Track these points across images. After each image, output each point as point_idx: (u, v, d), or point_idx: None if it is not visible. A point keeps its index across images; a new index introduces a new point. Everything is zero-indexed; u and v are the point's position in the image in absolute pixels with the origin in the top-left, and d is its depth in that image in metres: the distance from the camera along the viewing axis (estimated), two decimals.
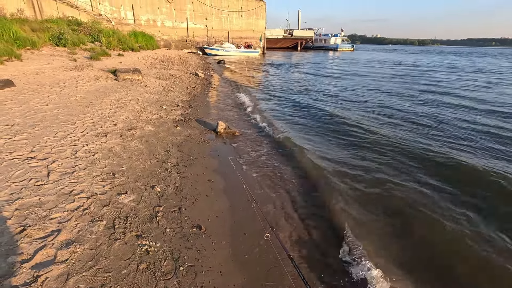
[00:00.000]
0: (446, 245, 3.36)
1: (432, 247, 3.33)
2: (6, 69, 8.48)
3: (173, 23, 35.42)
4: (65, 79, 8.56)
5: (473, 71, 25.25)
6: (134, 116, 6.39)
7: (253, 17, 41.19)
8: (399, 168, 5.25)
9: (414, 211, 3.92)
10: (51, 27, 15.03)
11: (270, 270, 2.74)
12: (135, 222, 2.97)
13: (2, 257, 2.20)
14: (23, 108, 5.59)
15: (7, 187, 3.04)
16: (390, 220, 3.78)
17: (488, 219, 3.78)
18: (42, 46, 12.99)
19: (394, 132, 7.36)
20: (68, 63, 11.21)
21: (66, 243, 2.47)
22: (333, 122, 8.24)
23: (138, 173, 4.01)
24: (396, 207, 4.05)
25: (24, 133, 4.46)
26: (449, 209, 3.97)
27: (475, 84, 16.82)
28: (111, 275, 2.27)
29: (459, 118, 8.72)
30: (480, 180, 4.76)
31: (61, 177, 3.44)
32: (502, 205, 4.10)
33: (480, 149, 6.21)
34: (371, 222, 3.72)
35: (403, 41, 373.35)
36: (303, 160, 5.51)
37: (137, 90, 9.03)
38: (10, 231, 2.46)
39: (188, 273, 2.50)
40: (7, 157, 3.65)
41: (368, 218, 3.80)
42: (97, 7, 29.92)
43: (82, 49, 15.24)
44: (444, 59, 45.08)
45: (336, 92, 13.50)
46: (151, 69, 14.08)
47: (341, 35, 75.66)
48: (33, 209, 2.79)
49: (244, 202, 3.86)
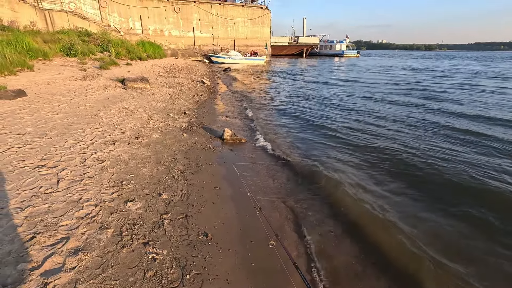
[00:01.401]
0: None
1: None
2: (19, 79, 8.74)
3: (180, 32, 36.05)
4: (75, 88, 8.76)
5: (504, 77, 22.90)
6: (142, 124, 6.48)
7: (258, 25, 41.66)
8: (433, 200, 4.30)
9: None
10: (62, 38, 15.50)
11: (277, 278, 2.71)
12: (142, 229, 2.99)
13: (12, 264, 2.23)
14: (34, 117, 5.73)
15: (18, 195, 3.10)
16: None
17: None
18: (54, 57, 13.38)
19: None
20: (78, 73, 11.49)
21: (75, 250, 2.49)
22: (345, 133, 7.78)
23: (145, 180, 4.04)
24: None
25: (35, 141, 4.56)
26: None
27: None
28: (118, 283, 2.28)
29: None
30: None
31: (70, 184, 3.50)
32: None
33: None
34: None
35: (409, 46, 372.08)
36: (311, 169, 5.43)
37: (145, 98, 9.17)
38: (20, 238, 2.50)
39: (194, 281, 2.50)
40: (18, 165, 3.73)
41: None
42: (107, 18, 30.71)
43: (92, 59, 15.63)
44: (461, 64, 42.84)
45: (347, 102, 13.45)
46: (159, 77, 14.31)
47: (346, 41, 75.91)
48: (43, 216, 2.84)
49: (251, 209, 3.84)
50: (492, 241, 3.40)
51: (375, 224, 3.68)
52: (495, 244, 3.34)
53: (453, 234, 3.52)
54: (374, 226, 3.63)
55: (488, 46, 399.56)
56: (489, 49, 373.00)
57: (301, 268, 2.61)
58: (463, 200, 4.25)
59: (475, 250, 3.28)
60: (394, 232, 3.49)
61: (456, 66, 36.98)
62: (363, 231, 3.58)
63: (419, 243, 3.26)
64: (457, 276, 2.86)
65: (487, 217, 3.83)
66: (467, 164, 5.42)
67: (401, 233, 3.45)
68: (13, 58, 9.76)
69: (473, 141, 6.81)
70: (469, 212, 3.96)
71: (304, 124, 8.98)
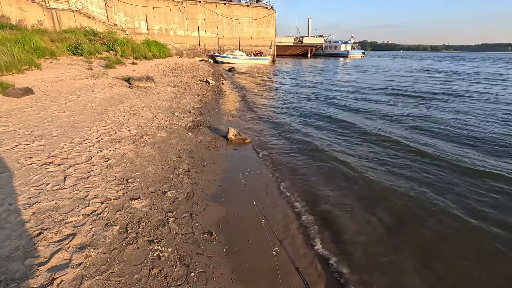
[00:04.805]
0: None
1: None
2: (26, 77, 8.84)
3: (185, 32, 36.17)
4: (82, 87, 8.84)
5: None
6: (147, 123, 6.52)
7: (263, 25, 41.62)
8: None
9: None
10: (69, 37, 15.63)
11: (279, 277, 2.71)
12: (147, 227, 3.01)
13: (20, 259, 2.26)
14: (42, 115, 5.80)
15: (26, 191, 3.14)
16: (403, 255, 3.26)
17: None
18: (60, 56, 13.51)
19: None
20: (85, 72, 11.59)
21: (81, 246, 2.52)
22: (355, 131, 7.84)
23: (151, 178, 4.07)
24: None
25: (42, 139, 4.61)
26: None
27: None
28: (124, 280, 2.30)
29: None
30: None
31: (76, 182, 3.53)
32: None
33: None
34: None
35: (415, 47, 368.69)
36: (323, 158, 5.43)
37: (150, 97, 9.22)
38: (28, 234, 2.53)
39: (199, 279, 2.51)
40: (26, 162, 3.77)
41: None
42: (113, 18, 30.94)
43: (98, 58, 15.75)
44: (482, 66, 40.90)
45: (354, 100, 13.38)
46: (164, 76, 14.37)
47: (351, 41, 75.49)
48: (50, 213, 2.87)
49: (254, 209, 3.85)
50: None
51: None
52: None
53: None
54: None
55: (496, 47, 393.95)
56: (496, 50, 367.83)
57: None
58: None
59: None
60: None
61: (482, 69, 33.96)
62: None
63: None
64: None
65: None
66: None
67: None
68: (21, 56, 9.87)
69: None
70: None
71: (310, 122, 8.99)
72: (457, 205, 4.19)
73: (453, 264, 3.10)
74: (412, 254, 3.23)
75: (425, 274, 2.95)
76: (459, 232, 3.63)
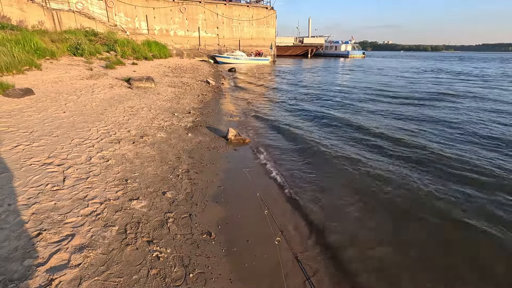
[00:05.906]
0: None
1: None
2: (27, 78, 8.84)
3: (185, 32, 36.18)
4: (82, 87, 8.85)
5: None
6: (147, 123, 6.52)
7: (263, 25, 41.62)
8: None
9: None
10: (69, 38, 15.65)
11: (280, 277, 2.71)
12: (146, 227, 3.01)
13: (19, 260, 2.26)
14: (42, 115, 5.80)
15: (25, 192, 3.14)
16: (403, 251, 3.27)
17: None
18: (61, 56, 13.52)
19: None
20: (85, 72, 11.60)
21: (80, 247, 2.52)
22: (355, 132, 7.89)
23: (150, 179, 4.07)
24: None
25: (42, 139, 4.61)
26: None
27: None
28: (123, 280, 2.30)
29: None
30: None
31: (76, 182, 3.53)
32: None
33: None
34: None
35: (416, 47, 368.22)
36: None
37: (150, 97, 9.23)
38: (27, 234, 2.53)
39: (197, 280, 2.50)
40: (25, 163, 3.78)
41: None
42: (113, 18, 30.97)
43: (98, 58, 15.77)
44: (489, 67, 39.40)
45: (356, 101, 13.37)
46: (164, 77, 14.39)
47: (351, 42, 75.43)
48: (49, 213, 2.87)
49: (254, 208, 3.85)
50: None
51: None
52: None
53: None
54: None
55: (496, 47, 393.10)
56: (497, 50, 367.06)
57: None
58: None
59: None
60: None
61: (491, 70, 31.78)
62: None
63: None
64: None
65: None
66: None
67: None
68: (21, 57, 9.87)
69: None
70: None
71: (309, 118, 8.97)
72: (463, 206, 4.19)
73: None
74: (418, 254, 3.23)
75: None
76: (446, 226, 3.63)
